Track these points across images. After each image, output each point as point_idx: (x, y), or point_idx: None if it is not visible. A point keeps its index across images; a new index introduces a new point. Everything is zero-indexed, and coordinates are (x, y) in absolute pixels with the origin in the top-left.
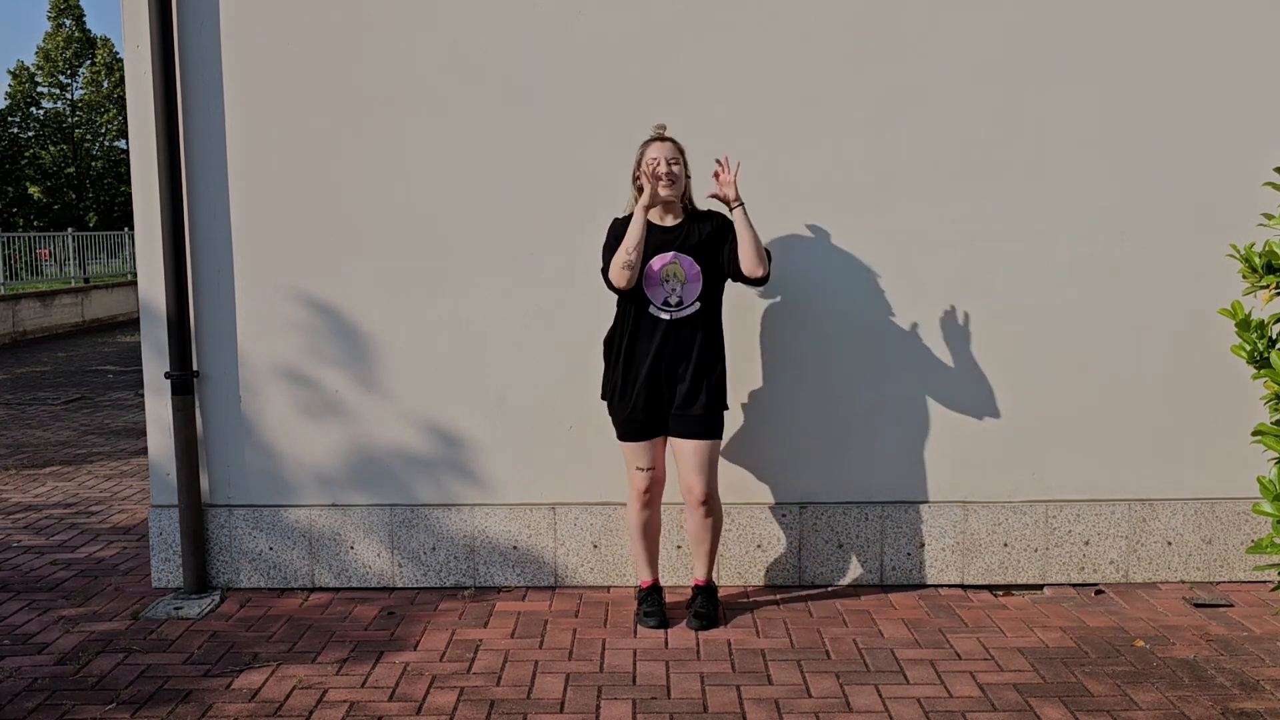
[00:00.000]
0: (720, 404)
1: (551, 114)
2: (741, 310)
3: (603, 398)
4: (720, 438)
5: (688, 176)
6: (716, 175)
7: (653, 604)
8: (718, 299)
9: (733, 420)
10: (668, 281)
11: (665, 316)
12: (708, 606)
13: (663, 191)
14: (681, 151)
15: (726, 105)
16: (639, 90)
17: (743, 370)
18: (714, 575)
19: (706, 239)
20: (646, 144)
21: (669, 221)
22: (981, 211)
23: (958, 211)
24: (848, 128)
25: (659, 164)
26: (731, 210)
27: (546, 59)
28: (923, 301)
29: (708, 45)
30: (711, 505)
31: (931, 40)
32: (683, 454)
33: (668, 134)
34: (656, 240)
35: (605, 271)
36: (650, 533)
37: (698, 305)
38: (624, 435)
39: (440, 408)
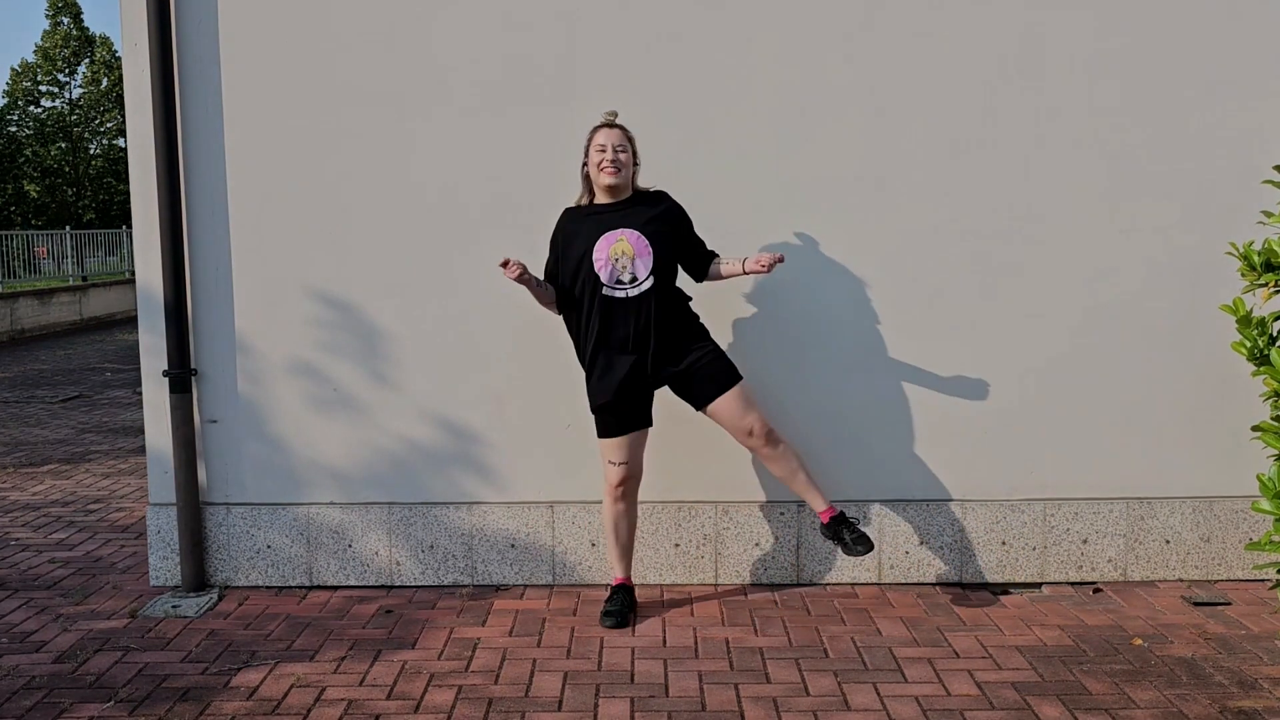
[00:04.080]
0: (718, 350)
1: (553, 113)
2: (738, 308)
3: (588, 395)
4: (742, 377)
5: (636, 164)
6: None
7: (616, 603)
8: (672, 275)
9: None
10: (617, 260)
11: (619, 295)
12: (858, 530)
13: (607, 179)
14: (630, 139)
15: (730, 106)
16: (642, 89)
17: (740, 369)
18: (825, 505)
19: (656, 218)
20: (595, 130)
21: (621, 198)
22: (978, 210)
23: (954, 210)
24: (842, 126)
25: (606, 150)
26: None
27: (547, 58)
28: (920, 300)
29: (705, 46)
30: (778, 436)
31: (926, 35)
32: (719, 411)
33: (618, 121)
34: (604, 220)
35: (548, 267)
36: (623, 529)
37: (651, 280)
38: (601, 431)
39: (439, 406)
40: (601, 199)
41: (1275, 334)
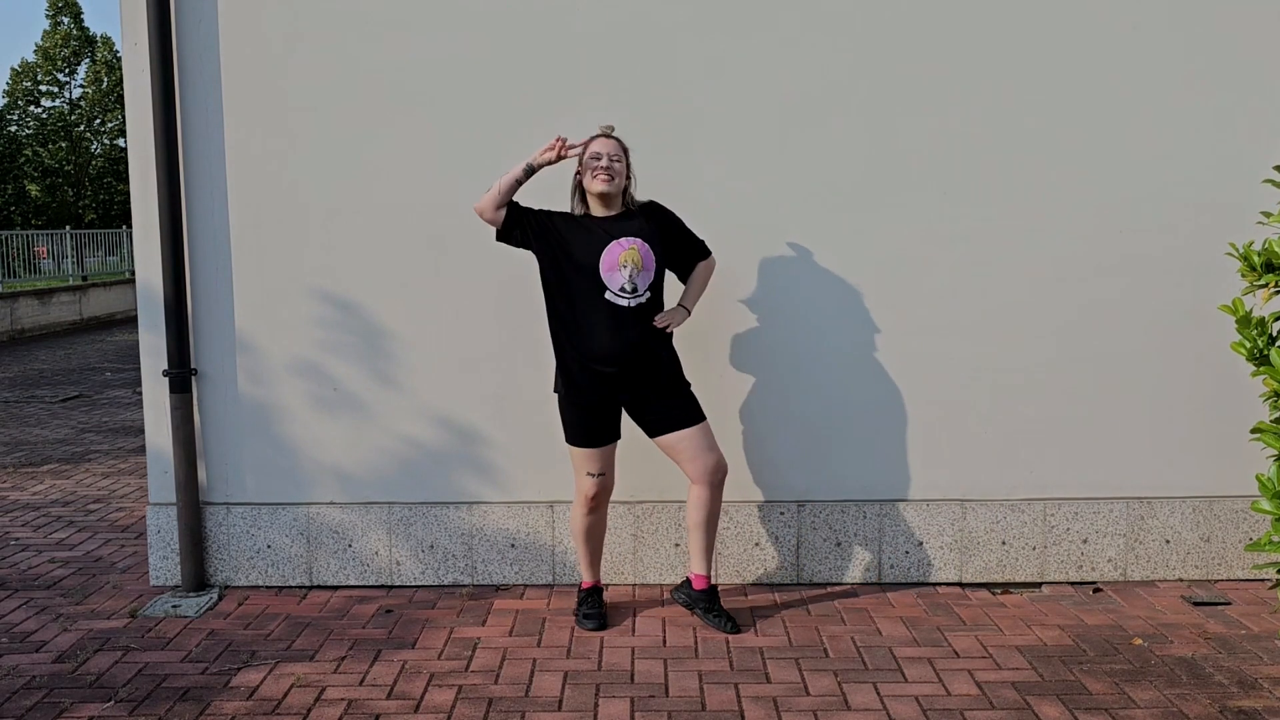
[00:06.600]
0: (687, 384)
1: (549, 113)
2: (739, 308)
3: (555, 390)
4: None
5: (629, 178)
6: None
7: (593, 605)
8: (662, 291)
9: (730, 418)
10: (625, 267)
11: (623, 303)
12: (717, 610)
13: (599, 185)
14: (625, 152)
15: (719, 108)
16: (636, 88)
17: (740, 368)
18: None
19: (654, 231)
20: (590, 140)
21: (615, 210)
22: (978, 211)
23: (954, 211)
24: (839, 128)
25: (601, 158)
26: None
27: (545, 57)
28: (919, 300)
29: (704, 47)
30: (723, 483)
31: (928, 37)
32: (684, 442)
33: (614, 134)
34: (609, 227)
35: (519, 216)
36: (595, 536)
37: (648, 295)
38: (574, 439)
39: (439, 406)
40: (595, 209)
41: (1275, 334)
